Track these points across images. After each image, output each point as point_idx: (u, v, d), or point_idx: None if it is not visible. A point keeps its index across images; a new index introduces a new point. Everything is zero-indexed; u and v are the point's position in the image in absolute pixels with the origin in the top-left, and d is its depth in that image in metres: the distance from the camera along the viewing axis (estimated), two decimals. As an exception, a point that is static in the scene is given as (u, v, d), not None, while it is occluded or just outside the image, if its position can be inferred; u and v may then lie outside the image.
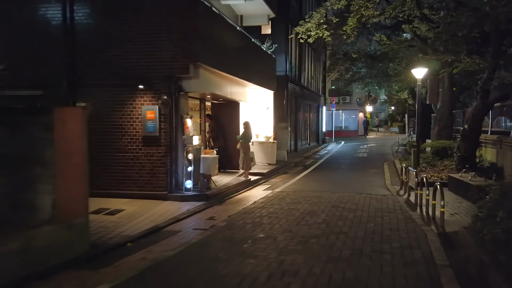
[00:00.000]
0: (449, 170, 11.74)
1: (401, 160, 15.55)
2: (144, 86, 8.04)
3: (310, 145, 23.29)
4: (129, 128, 8.27)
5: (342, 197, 8.99)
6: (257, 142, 14.53)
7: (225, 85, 10.78)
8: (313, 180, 12.05)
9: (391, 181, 11.69)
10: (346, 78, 22.36)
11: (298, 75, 19.91)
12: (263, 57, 13.95)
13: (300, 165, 16.13)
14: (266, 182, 11.65)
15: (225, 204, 8.35)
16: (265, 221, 6.75)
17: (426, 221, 6.70)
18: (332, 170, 14.67)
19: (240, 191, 9.89)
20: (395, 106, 44.20)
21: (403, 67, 15.00)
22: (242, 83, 12.45)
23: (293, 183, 11.36)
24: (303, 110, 21.63)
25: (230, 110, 12.18)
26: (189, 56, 8.03)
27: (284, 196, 9.26)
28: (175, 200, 8.13)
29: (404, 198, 8.98)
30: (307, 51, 21.88)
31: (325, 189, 10.29)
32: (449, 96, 14.75)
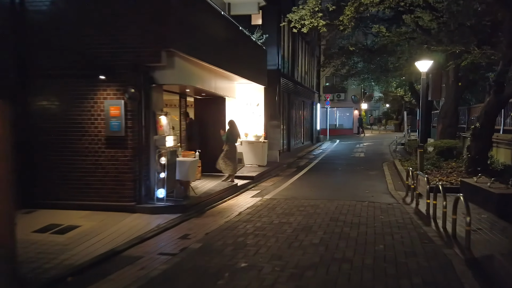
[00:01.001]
0: (458, 173, 10.60)
1: (402, 161, 14.42)
2: (107, 76, 6.74)
3: (304, 144, 22.10)
4: (90, 127, 6.96)
5: (341, 207, 7.78)
6: (246, 142, 13.28)
7: (208, 78, 9.51)
8: (307, 184, 10.83)
9: (393, 185, 10.51)
10: (342, 73, 21.14)
11: (291, 70, 18.67)
12: (252, 49, 12.69)
13: (293, 166, 14.91)
14: (255, 187, 10.41)
15: (205, 217, 7.10)
16: (250, 241, 5.51)
17: (446, 241, 5.51)
18: (328, 172, 13.48)
19: (224, 199, 8.64)
20: (391, 104, 43.27)
21: (405, 60, 13.84)
22: (229, 77, 11.18)
23: (286, 188, 10.13)
24: (297, 107, 20.41)
25: (215, 106, 10.91)
26: (160, 41, 6.75)
27: (274, 205, 8.03)
28: (145, 213, 6.86)
29: (413, 207, 7.80)
30: (300, 44, 20.65)
31: (321, 195, 9.08)
32: (454, 92, 13.62)
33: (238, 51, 11.08)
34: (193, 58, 7.78)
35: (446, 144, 12.98)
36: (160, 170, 7.01)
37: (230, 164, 9.86)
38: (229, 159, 9.87)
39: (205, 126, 10.85)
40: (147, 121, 7.10)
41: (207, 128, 10.85)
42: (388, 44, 15.49)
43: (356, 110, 36.91)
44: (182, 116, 10.13)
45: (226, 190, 9.15)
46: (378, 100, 48.63)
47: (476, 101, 19.79)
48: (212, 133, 10.85)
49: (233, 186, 9.57)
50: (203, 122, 10.87)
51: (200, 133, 10.81)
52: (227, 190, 9.17)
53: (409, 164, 13.10)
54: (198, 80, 8.66)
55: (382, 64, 17.94)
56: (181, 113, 10.20)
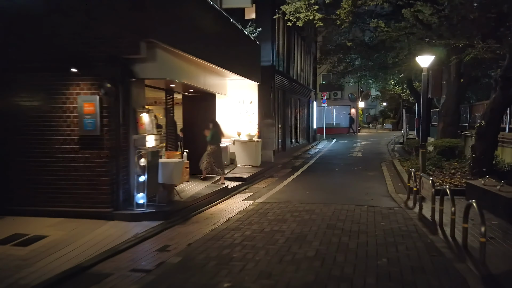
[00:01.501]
0: (462, 174, 10.05)
1: (401, 161, 13.85)
2: (80, 69, 6.09)
3: (299, 143, 21.50)
4: (61, 126, 6.31)
5: (338, 212, 7.18)
6: (239, 142, 12.66)
7: (196, 74, 8.87)
8: (302, 186, 10.23)
9: (394, 187, 9.93)
10: (339, 70, 20.53)
11: (286, 67, 18.05)
12: (245, 43, 12.06)
13: (289, 166, 14.31)
14: (247, 189, 9.80)
15: (190, 224, 6.47)
16: (236, 253, 4.89)
17: (457, 253, 4.91)
18: (325, 172, 12.88)
19: (213, 203, 8.02)
20: (388, 102, 42.77)
21: (404, 55, 13.25)
22: (220, 73, 10.55)
23: (279, 191, 9.52)
24: (292, 105, 19.80)
25: (205, 104, 10.27)
26: (139, 31, 6.10)
27: (267, 209, 7.42)
28: (123, 220, 6.22)
29: (416, 212, 7.20)
30: (296, 41, 20.03)
31: (317, 199, 8.48)
32: (455, 89, 13.06)
33: (230, 45, 10.45)
34: (178, 50, 7.14)
35: (447, 143, 12.43)
36: (140, 173, 6.36)
37: (215, 165, 9.27)
38: (215, 162, 9.26)
39: (194, 125, 10.22)
40: (126, 119, 6.46)
41: (196, 126, 10.21)
42: (387, 39, 14.90)
43: (353, 109, 36.36)
44: (164, 114, 9.47)
45: (216, 193, 8.52)
46: (375, 99, 48.19)
47: (476, 99, 19.29)
48: (202, 132, 10.21)
49: (223, 189, 8.95)
50: (192, 120, 10.24)
51: (186, 132, 10.20)
52: (216, 193, 8.55)
53: (409, 165, 12.54)
54: (184, 75, 8.02)
55: (380, 61, 17.33)
56: (172, 110, 9.57)
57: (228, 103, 13.01)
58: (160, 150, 7.18)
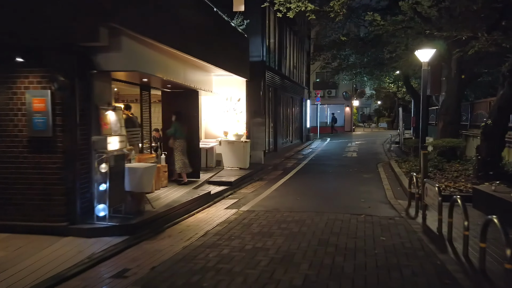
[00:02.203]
0: (466, 178, 9.25)
1: (399, 162, 13.06)
2: (27, 59, 5.17)
3: (292, 143, 20.68)
4: (8, 125, 5.39)
5: (332, 223, 6.34)
6: (226, 142, 11.78)
7: (175, 68, 7.99)
8: (293, 190, 9.38)
9: (392, 192, 9.11)
10: (333, 67, 19.69)
11: (278, 63, 17.19)
12: (232, 36, 11.18)
13: (280, 168, 13.46)
14: (232, 195, 8.93)
15: (160, 239, 5.59)
16: (207, 281, 4.02)
17: (474, 280, 4.08)
18: (318, 175, 12.05)
19: (192, 212, 7.14)
20: (383, 101, 42.11)
21: (402, 50, 12.46)
22: (203, 67, 9.67)
23: (268, 197, 8.66)
24: (284, 103, 18.95)
25: (187, 101, 9.37)
26: (98, 14, 5.19)
27: (251, 220, 6.56)
28: (80, 236, 5.32)
29: (419, 223, 6.38)
30: (288, 36, 19.17)
31: (309, 206, 7.63)
32: (456, 86, 12.25)
33: (214, 38, 9.56)
34: (149, 39, 6.23)
35: (448, 143, 11.62)
36: (100, 181, 5.46)
37: (179, 161, 8.51)
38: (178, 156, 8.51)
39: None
40: (86, 117, 5.56)
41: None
42: (383, 34, 14.11)
43: (348, 107, 35.60)
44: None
45: (196, 200, 7.64)
46: (369, 97, 47.56)
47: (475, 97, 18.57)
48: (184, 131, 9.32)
49: (205, 195, 8.06)
50: (171, 119, 9.32)
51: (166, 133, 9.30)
52: (197, 200, 7.66)
53: (407, 166, 11.75)
54: (159, 68, 7.12)
55: (376, 57, 16.52)
56: (149, 108, 8.64)
57: (214, 101, 12.14)
58: (129, 153, 6.28)
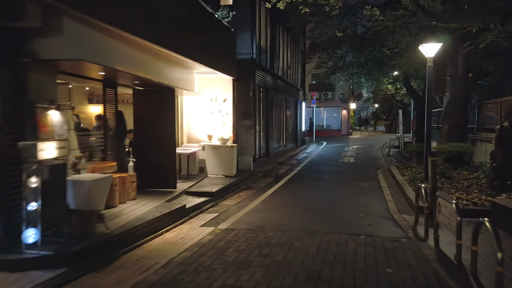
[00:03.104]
0: (478, 187, 8.17)
1: (400, 168, 11.98)
2: None
3: (286, 147, 19.58)
4: None
5: (326, 247, 5.21)
6: (210, 147, 10.64)
7: (146, 62, 6.89)
8: (283, 202, 8.25)
9: (395, 204, 8.01)
10: (328, 66, 18.61)
11: (270, 62, 16.11)
12: (216, 29, 10.08)
13: (271, 175, 12.34)
14: (213, 208, 7.80)
15: (110, 271, 4.43)
16: None
17: None
18: (312, 183, 10.93)
19: (160, 231, 6.00)
20: (380, 103, 41.17)
21: (405, 45, 11.44)
22: (183, 63, 8.58)
23: (253, 210, 7.53)
24: (277, 105, 17.86)
25: (162, 101, 8.24)
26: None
27: (228, 242, 5.43)
28: (3, 270, 4.16)
29: (431, 246, 5.26)
30: (282, 34, 18.11)
31: (299, 223, 6.50)
32: (463, 85, 11.22)
33: (195, 30, 8.48)
34: (101, 22, 5.09)
35: (455, 148, 10.56)
36: (30, 198, 4.30)
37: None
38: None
39: (148, 127, 8.21)
40: (16, 118, 4.42)
41: (150, 129, 8.20)
42: (382, 30, 13.08)
43: (345, 110, 34.58)
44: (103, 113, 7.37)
45: (166, 216, 6.49)
46: (366, 100, 46.64)
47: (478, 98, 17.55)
48: (158, 135, 8.21)
49: (178, 210, 6.92)
50: (145, 122, 8.21)
51: (138, 136, 8.20)
52: (167, 216, 6.51)
53: (410, 174, 10.66)
54: (122, 61, 6.00)
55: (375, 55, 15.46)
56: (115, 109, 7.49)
57: (198, 102, 11.03)
58: (78, 161, 5.14)
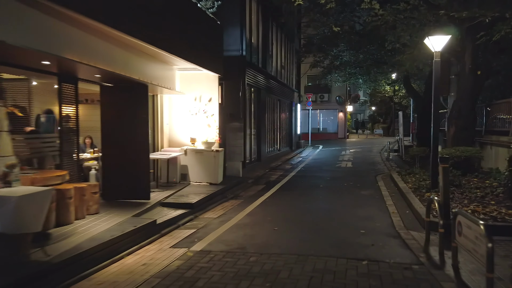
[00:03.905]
0: (495, 198, 7.18)
1: (402, 175, 10.99)
2: None
3: (280, 151, 18.55)
4: None
5: (320, 278, 4.17)
6: (193, 151, 9.61)
7: (111, 53, 5.91)
8: (272, 214, 7.21)
9: (400, 216, 6.99)
10: (324, 65, 17.63)
11: (262, 60, 15.11)
12: (199, 19, 9.07)
13: (262, 182, 11.32)
14: (191, 222, 6.77)
15: (36, 316, 3.38)
16: None
17: None
18: (306, 191, 9.91)
19: (120, 254, 4.95)
20: (378, 106, 40.29)
21: (407, 40, 10.49)
22: (158, 56, 7.60)
23: (237, 225, 6.48)
24: (271, 107, 16.85)
25: (133, 99, 7.19)
26: None
27: (200, 271, 4.39)
28: None
29: (449, 275, 4.24)
30: (275, 31, 17.12)
31: (289, 242, 5.47)
32: (471, 84, 10.26)
33: (172, 19, 7.46)
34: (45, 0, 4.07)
35: (463, 153, 9.58)
36: None
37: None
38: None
39: (117, 128, 7.17)
40: None
41: (120, 131, 7.16)
42: (382, 26, 12.13)
43: (341, 113, 33.64)
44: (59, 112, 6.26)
45: (131, 234, 5.43)
46: (363, 103, 45.79)
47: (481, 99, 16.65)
48: (129, 138, 7.17)
49: (147, 226, 5.86)
50: (114, 122, 7.16)
51: (105, 139, 7.15)
52: (132, 234, 5.45)
53: (414, 181, 9.65)
54: (72, 47, 4.97)
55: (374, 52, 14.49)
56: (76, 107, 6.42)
57: (180, 101, 10.00)
58: (8, 171, 4.08)
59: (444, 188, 6.22)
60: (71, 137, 6.20)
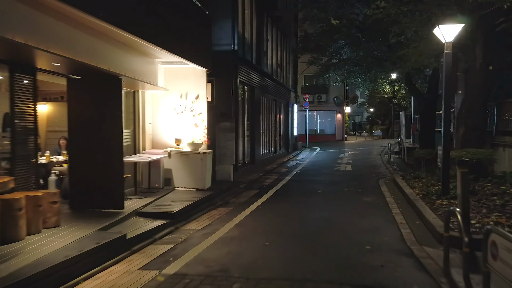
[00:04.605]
0: (517, 207, 6.32)
1: (406, 179, 10.15)
2: None
3: (276, 153, 17.67)
4: None
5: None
6: (178, 154, 8.70)
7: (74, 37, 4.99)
8: (264, 227, 6.32)
9: (410, 228, 6.11)
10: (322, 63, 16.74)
11: (256, 57, 14.24)
12: (184, 8, 8.19)
13: (255, 186, 10.43)
14: (170, 236, 5.87)
15: None
16: None
17: None
18: (302, 197, 9.02)
19: (77, 279, 4.05)
20: (376, 107, 39.51)
21: (413, 32, 9.65)
22: (138, 47, 6.73)
23: (222, 239, 5.58)
24: (266, 106, 15.97)
25: (104, 94, 6.29)
26: None
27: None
28: None
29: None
30: (270, 29, 16.27)
31: (281, 263, 4.57)
32: (482, 80, 9.41)
33: (153, 5, 6.58)
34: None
35: (475, 155, 8.67)
36: None
37: None
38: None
39: (87, 128, 6.26)
40: None
41: (90, 130, 6.26)
42: (384, 19, 11.28)
43: (339, 114, 32.82)
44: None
45: (92, 254, 4.51)
46: (361, 105, 45.07)
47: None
48: (100, 139, 6.26)
49: (114, 242, 4.94)
50: (82, 121, 6.26)
51: (73, 140, 6.25)
52: (93, 253, 4.53)
53: (421, 186, 8.79)
54: (17, 26, 4.07)
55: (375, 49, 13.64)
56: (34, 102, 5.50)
57: (165, 99, 9.11)
58: None
59: (463, 197, 5.33)
60: (27, 138, 5.28)
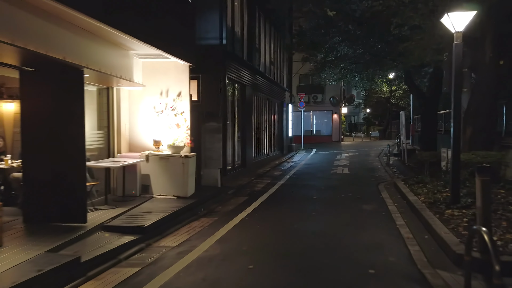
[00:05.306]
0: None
1: (409, 183, 9.35)
2: None
3: (269, 155, 16.81)
4: None
5: None
6: (157, 157, 7.81)
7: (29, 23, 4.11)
8: (250, 243, 5.45)
9: (418, 244, 5.27)
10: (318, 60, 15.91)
11: (247, 53, 13.38)
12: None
13: (244, 192, 9.57)
14: (138, 255, 4.99)
15: None
16: None
17: None
18: (295, 206, 8.16)
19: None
20: (373, 108, 38.79)
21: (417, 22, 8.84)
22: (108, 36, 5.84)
23: (199, 261, 4.71)
24: (258, 106, 15.12)
25: (63, 89, 5.40)
26: None
27: None
28: None
29: None
30: (263, 24, 15.42)
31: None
32: (492, 76, 8.63)
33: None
34: None
35: (485, 158, 7.90)
36: None
37: None
38: None
39: (42, 128, 5.37)
40: None
41: (46, 131, 5.37)
42: (384, 12, 10.49)
43: (336, 114, 32.03)
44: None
45: (33, 284, 3.63)
46: (357, 105, 44.40)
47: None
48: (57, 141, 5.38)
49: (65, 266, 4.05)
50: (37, 120, 5.37)
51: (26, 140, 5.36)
52: (35, 283, 3.65)
53: (426, 192, 7.96)
54: None
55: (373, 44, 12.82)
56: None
57: (143, 96, 8.23)
58: None
59: (485, 210, 4.52)
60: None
